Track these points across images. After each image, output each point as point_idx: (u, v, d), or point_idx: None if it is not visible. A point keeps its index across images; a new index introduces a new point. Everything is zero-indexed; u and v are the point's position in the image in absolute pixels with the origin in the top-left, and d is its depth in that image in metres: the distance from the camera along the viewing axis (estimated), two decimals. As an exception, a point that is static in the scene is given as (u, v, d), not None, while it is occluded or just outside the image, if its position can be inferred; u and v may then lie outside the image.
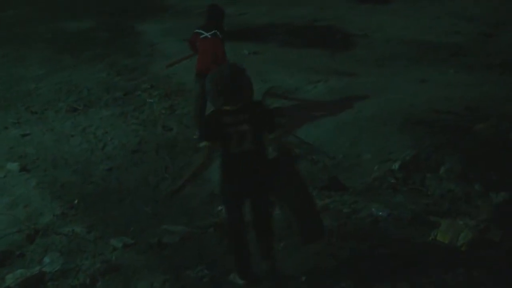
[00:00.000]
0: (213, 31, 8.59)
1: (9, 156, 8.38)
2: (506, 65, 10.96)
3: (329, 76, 10.45)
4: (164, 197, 5.79)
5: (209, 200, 6.95)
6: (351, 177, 7.35)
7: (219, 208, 6.52)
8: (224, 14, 8.94)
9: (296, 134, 8.59)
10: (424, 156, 7.54)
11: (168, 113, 9.47)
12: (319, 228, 5.09)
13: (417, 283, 4.80)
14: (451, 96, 9.52)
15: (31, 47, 12.57)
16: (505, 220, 5.93)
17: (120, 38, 12.39)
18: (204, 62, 8.46)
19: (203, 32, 8.63)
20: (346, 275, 4.94)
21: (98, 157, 8.33)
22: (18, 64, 11.80)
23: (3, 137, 8.99)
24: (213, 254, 5.50)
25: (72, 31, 12.93)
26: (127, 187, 7.52)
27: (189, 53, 9.11)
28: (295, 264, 5.21)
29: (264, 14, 13.79)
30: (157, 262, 5.46)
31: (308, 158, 7.92)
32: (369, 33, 12.77)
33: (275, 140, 4.80)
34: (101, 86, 10.37)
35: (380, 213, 6.18)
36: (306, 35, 12.46)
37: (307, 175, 6.90)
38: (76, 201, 7.10)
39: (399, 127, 8.48)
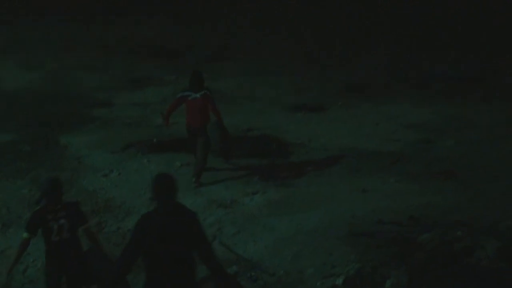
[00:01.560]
0: (203, 92, 10.81)
1: None
2: (447, 173, 11.32)
3: (266, 188, 10.57)
4: None
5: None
6: (293, 295, 7.35)
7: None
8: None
9: (234, 249, 8.59)
10: (369, 270, 7.62)
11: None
12: None
13: None
14: (393, 205, 9.73)
15: None
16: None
17: (44, 152, 12.30)
18: (194, 118, 10.84)
19: (191, 93, 10.82)
20: None
21: (19, 281, 8.13)
22: None
23: None
24: None
25: (-9, 145, 12.80)
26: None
27: None
28: None
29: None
30: None
31: (247, 276, 7.89)
32: (306, 142, 13.04)
33: (86, 230, 6.70)
34: (22, 203, 10.19)
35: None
36: (241, 144, 12.64)
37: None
38: (-7, 332, 6.84)
39: (342, 239, 8.60)
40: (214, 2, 35.11)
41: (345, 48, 24.48)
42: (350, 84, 17.78)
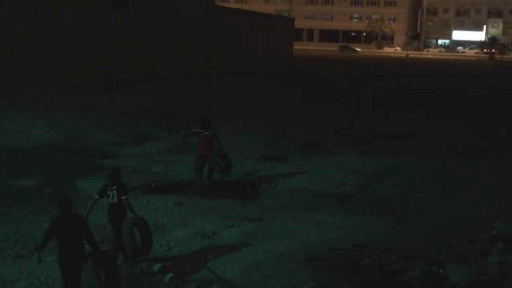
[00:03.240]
0: (211, 131, 12.49)
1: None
2: (383, 210, 11.39)
3: (241, 222, 10.55)
4: None
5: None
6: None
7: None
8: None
9: (215, 272, 8.52)
10: (323, 287, 7.59)
11: (105, 256, 9.21)
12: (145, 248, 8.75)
13: None
14: (341, 236, 9.76)
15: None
16: None
17: (63, 193, 12.13)
18: (203, 150, 12.44)
19: (202, 131, 12.50)
20: None
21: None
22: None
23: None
24: None
25: (19, 188, 12.56)
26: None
27: None
28: None
29: (185, 171, 13.96)
30: None
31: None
32: (273, 185, 13.08)
33: (125, 199, 8.68)
34: (45, 235, 10.02)
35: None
36: (220, 188, 12.65)
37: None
38: None
39: (301, 263, 8.58)
40: (195, 80, 35.53)
41: (301, 113, 24.78)
42: (307, 141, 17.95)
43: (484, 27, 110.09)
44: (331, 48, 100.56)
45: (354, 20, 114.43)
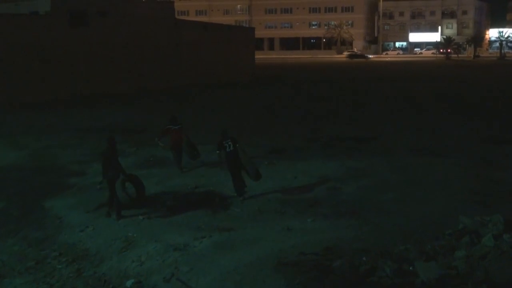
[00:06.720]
0: (179, 126, 15.02)
1: None
2: (351, 212, 11.47)
3: (212, 232, 10.49)
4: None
5: None
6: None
7: None
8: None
9: (188, 284, 8.44)
10: (296, 292, 7.58)
11: (75, 276, 9.05)
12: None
13: None
14: (312, 240, 9.78)
15: None
16: None
17: (31, 215, 11.92)
18: (176, 141, 14.88)
19: (172, 126, 14.86)
20: None
21: None
22: None
23: None
24: None
25: (-14, 212, 12.33)
26: None
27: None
28: None
29: (154, 184, 13.85)
30: None
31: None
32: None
33: (239, 147, 12.35)
34: (14, 258, 9.81)
35: None
36: (190, 199, 12.56)
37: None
38: None
39: (274, 269, 8.58)
40: (158, 96, 35.32)
41: (266, 121, 24.82)
42: (273, 148, 17.98)
43: (439, 28, 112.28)
44: (293, 56, 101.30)
45: (313, 27, 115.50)
